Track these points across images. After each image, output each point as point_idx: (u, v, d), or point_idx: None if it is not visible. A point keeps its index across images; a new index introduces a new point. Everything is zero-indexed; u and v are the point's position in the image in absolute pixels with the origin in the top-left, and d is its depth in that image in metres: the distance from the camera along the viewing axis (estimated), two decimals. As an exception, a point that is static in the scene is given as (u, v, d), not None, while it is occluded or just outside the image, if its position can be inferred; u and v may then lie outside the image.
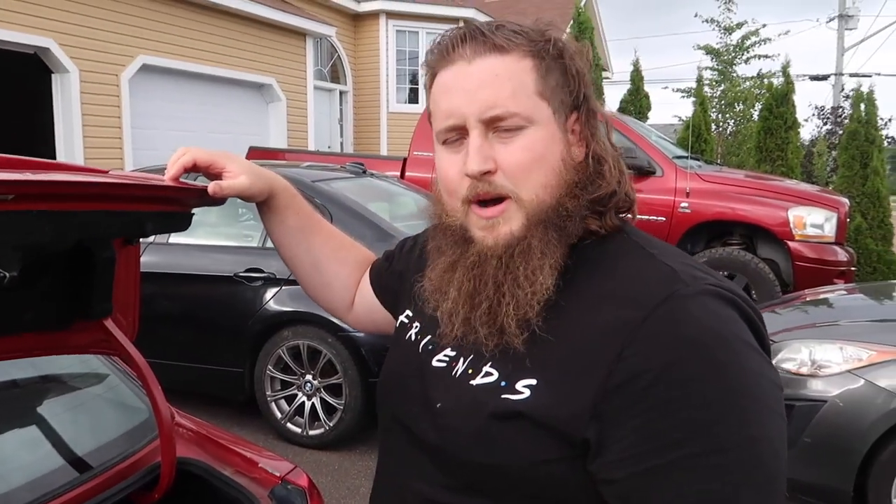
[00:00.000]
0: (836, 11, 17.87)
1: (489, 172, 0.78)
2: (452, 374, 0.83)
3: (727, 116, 14.77)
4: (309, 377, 3.90)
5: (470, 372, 0.81)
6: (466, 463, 0.77)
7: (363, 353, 3.71)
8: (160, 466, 1.47)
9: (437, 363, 0.86)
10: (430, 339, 0.89)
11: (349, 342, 3.72)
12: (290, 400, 3.98)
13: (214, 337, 4.13)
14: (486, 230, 0.81)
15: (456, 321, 0.82)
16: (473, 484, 0.78)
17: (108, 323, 1.32)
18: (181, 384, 3.96)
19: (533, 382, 0.74)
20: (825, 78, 17.75)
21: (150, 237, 1.26)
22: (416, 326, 0.94)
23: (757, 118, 10.94)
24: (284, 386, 3.99)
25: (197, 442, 1.72)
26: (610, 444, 0.69)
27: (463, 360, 0.83)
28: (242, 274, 3.98)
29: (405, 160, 6.99)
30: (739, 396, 0.67)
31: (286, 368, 3.97)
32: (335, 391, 3.85)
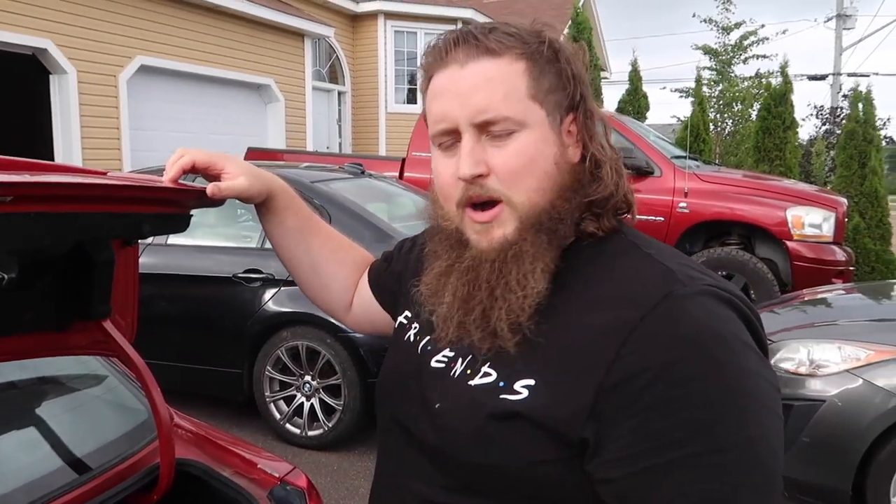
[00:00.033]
0: (833, 11, 17.92)
1: (481, 176, 0.79)
2: (451, 374, 0.83)
3: (725, 116, 14.78)
4: (308, 378, 3.90)
5: (468, 372, 0.81)
6: (465, 463, 0.77)
7: (362, 353, 3.71)
8: (159, 468, 1.47)
9: (435, 364, 0.87)
10: (428, 339, 0.89)
11: (348, 343, 3.72)
12: (288, 401, 3.98)
13: (213, 338, 4.13)
14: (480, 234, 0.81)
15: (451, 325, 0.83)
16: (472, 484, 0.78)
17: (106, 324, 1.32)
18: (180, 385, 3.97)
19: (531, 383, 0.74)
20: (823, 78, 17.79)
21: (148, 238, 1.26)
22: (414, 327, 0.94)
23: (755, 118, 10.95)
24: (283, 387, 3.99)
25: (196, 443, 1.72)
26: (608, 443, 0.69)
27: (461, 360, 0.83)
28: (241, 275, 3.98)
29: (404, 160, 6.99)
30: (738, 396, 0.67)
31: (285, 369, 3.96)
32: (334, 392, 3.84)
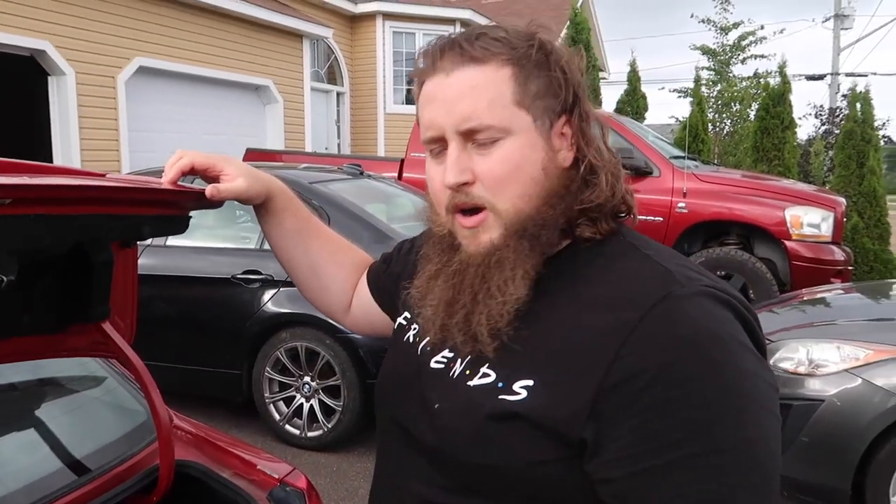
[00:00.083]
0: (831, 11, 17.93)
1: (467, 184, 0.80)
2: (450, 375, 0.83)
3: (724, 116, 14.78)
4: (307, 379, 3.90)
5: (467, 373, 0.81)
6: (464, 464, 0.78)
7: (361, 354, 3.71)
8: (158, 469, 1.47)
9: (435, 364, 0.87)
10: (428, 340, 0.89)
11: (347, 344, 3.72)
12: (288, 402, 3.98)
13: (212, 339, 4.12)
14: (468, 239, 0.82)
15: (434, 327, 0.85)
16: (471, 485, 0.78)
17: (105, 326, 1.32)
18: (179, 386, 3.96)
19: (530, 383, 0.74)
20: (821, 78, 17.80)
21: (147, 240, 1.26)
22: (414, 328, 0.94)
23: (754, 118, 10.96)
24: (283, 388, 3.99)
25: (195, 444, 1.72)
26: (607, 443, 0.69)
27: (461, 361, 0.83)
28: (240, 276, 3.98)
29: (402, 161, 6.99)
30: (736, 397, 0.67)
31: (284, 370, 3.96)
32: (333, 393, 3.84)
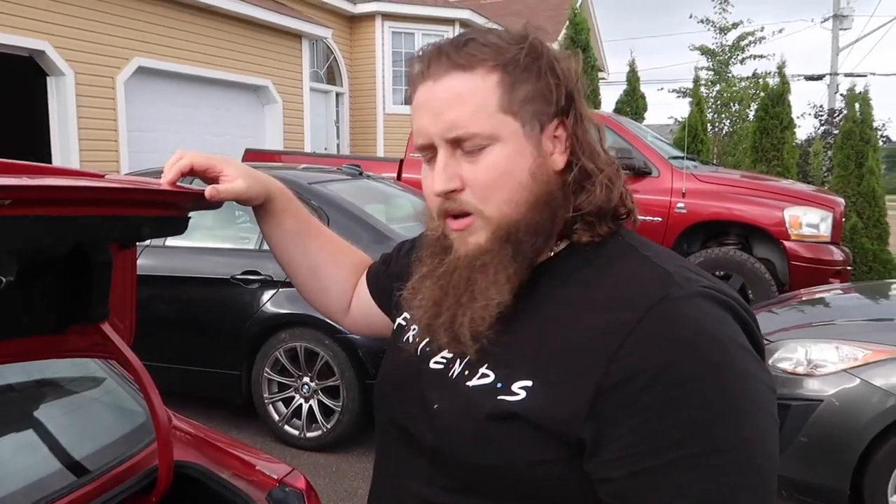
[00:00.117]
0: (830, 11, 17.93)
1: (456, 191, 0.81)
2: (449, 375, 0.84)
3: (723, 116, 14.79)
4: (306, 379, 3.90)
5: (466, 373, 0.81)
6: (464, 464, 0.78)
7: (360, 355, 3.71)
8: (157, 470, 1.47)
9: (434, 365, 0.87)
10: (427, 341, 0.90)
11: (346, 344, 3.72)
12: (287, 402, 3.98)
13: (211, 339, 4.12)
14: (458, 241, 0.84)
15: (420, 326, 0.87)
16: (471, 485, 0.78)
17: (104, 326, 1.32)
18: (178, 387, 3.96)
19: (529, 384, 0.74)
20: (820, 78, 17.80)
21: (146, 240, 1.27)
22: (413, 329, 0.94)
23: (753, 118, 10.97)
24: (282, 388, 3.99)
25: (194, 445, 1.72)
26: (607, 443, 0.69)
27: (460, 361, 0.83)
28: (239, 276, 3.98)
29: (401, 162, 6.99)
30: (735, 398, 0.68)
31: (283, 371, 3.96)
32: (332, 393, 3.84)
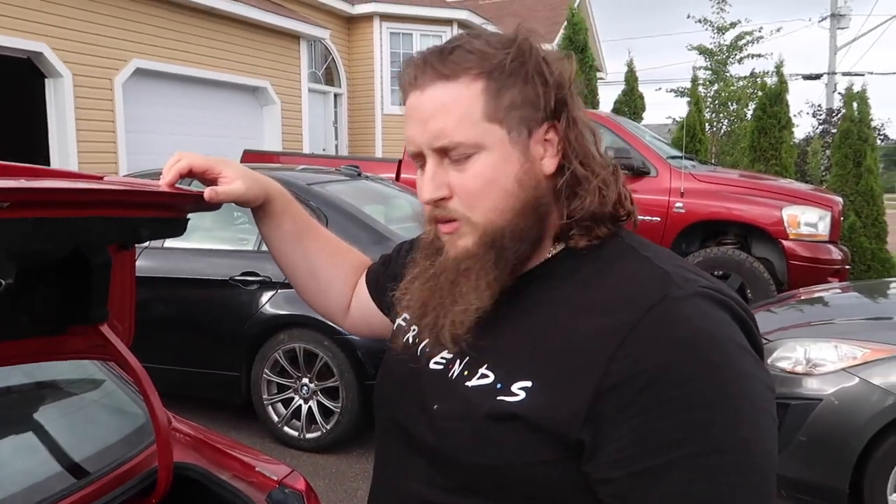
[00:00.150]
0: (827, 11, 17.94)
1: (444, 199, 0.82)
2: (449, 375, 0.84)
3: (721, 116, 14.81)
4: (305, 380, 3.90)
5: (466, 374, 0.81)
6: (463, 464, 0.78)
7: (359, 355, 3.70)
8: (157, 471, 1.47)
9: (434, 365, 0.87)
10: (427, 341, 0.90)
11: (345, 345, 3.72)
12: (286, 403, 3.98)
13: (210, 341, 4.12)
14: (448, 244, 0.84)
15: (408, 325, 0.89)
16: (471, 485, 0.78)
17: (104, 328, 1.32)
18: (178, 388, 3.96)
19: (528, 384, 0.74)
20: (818, 77, 17.82)
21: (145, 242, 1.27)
22: (413, 329, 0.95)
23: (751, 118, 10.98)
24: (281, 389, 3.98)
25: (194, 446, 1.72)
26: (606, 443, 0.69)
27: (459, 362, 0.83)
28: (238, 278, 3.98)
29: (400, 162, 6.99)
30: (734, 398, 0.68)
31: (283, 372, 3.96)
32: (332, 394, 3.84)
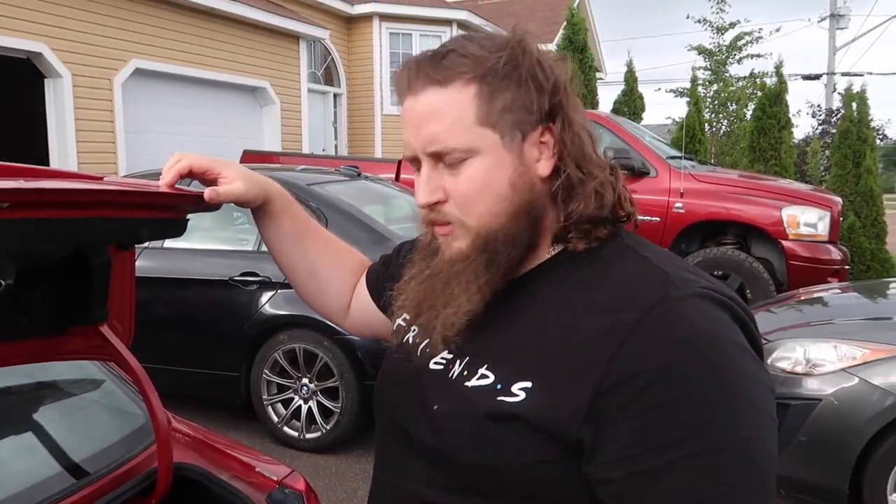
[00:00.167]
0: (827, 11, 17.95)
1: (439, 202, 0.82)
2: (449, 376, 0.84)
3: (720, 116, 14.82)
4: (305, 381, 3.90)
5: (465, 374, 0.82)
6: (463, 464, 0.78)
7: (359, 356, 3.70)
8: (157, 472, 1.47)
9: (434, 366, 0.87)
10: (427, 342, 0.90)
11: (345, 345, 3.72)
12: (286, 404, 3.98)
13: (210, 341, 4.12)
14: (444, 245, 0.85)
15: (408, 325, 0.90)
16: (471, 485, 0.78)
17: (104, 328, 1.32)
18: (177, 389, 3.96)
19: (528, 385, 0.74)
20: (817, 77, 17.82)
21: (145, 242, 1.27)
22: (413, 330, 0.95)
23: (750, 118, 10.98)
24: (281, 390, 3.98)
25: (194, 447, 1.72)
26: (606, 443, 0.69)
27: (460, 362, 0.84)
28: (238, 278, 3.98)
29: (399, 162, 6.98)
30: (734, 398, 0.68)
31: (282, 372, 3.96)
32: (332, 394, 3.84)
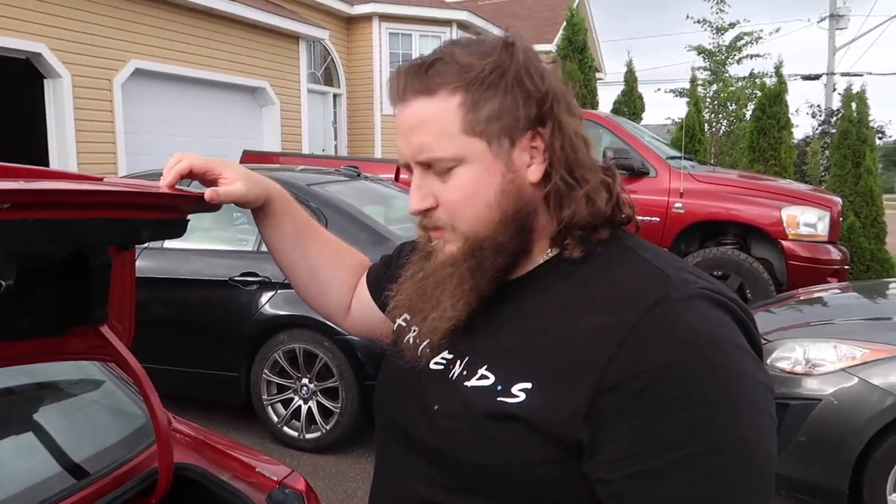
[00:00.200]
0: (826, 11, 17.94)
1: (430, 209, 0.84)
2: (449, 376, 0.84)
3: (720, 116, 14.82)
4: (305, 381, 3.90)
5: (465, 373, 0.82)
6: (463, 464, 0.78)
7: (359, 356, 3.70)
8: (157, 472, 1.47)
9: (434, 366, 0.87)
10: (428, 342, 0.90)
11: (345, 345, 3.72)
12: (286, 404, 3.98)
13: (210, 341, 4.12)
14: (438, 248, 0.86)
15: (409, 326, 0.92)
16: (471, 485, 0.78)
17: (104, 329, 1.32)
18: (177, 389, 3.96)
19: (528, 386, 0.75)
20: (817, 77, 17.82)
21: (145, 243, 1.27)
22: (413, 330, 0.95)
23: (750, 118, 10.98)
24: (281, 390, 3.99)
25: (194, 447, 1.72)
26: (606, 443, 0.69)
27: (459, 362, 0.84)
28: (238, 278, 3.98)
29: (399, 163, 6.99)
30: (734, 398, 0.68)
31: (282, 372, 3.96)
32: (331, 395, 3.84)
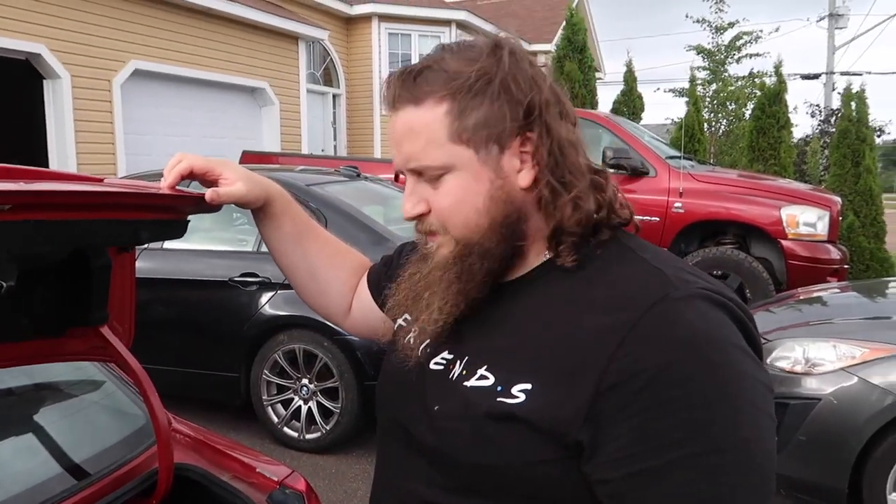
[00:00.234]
0: (826, 10, 17.94)
1: (423, 214, 0.85)
2: (449, 376, 0.84)
3: (720, 116, 14.82)
4: (305, 381, 3.90)
5: (464, 374, 0.82)
6: (463, 464, 0.78)
7: (359, 356, 3.70)
8: (157, 472, 1.47)
9: (434, 366, 0.88)
10: (428, 342, 0.90)
11: (345, 346, 3.72)
12: (286, 404, 3.98)
13: (210, 342, 4.12)
14: (433, 251, 0.87)
15: (409, 326, 0.92)
16: (471, 485, 0.78)
17: (104, 330, 1.32)
18: (178, 389, 3.96)
19: (528, 387, 0.75)
20: (816, 77, 17.82)
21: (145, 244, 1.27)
22: (414, 330, 0.95)
23: (749, 118, 10.98)
24: (281, 390, 3.99)
25: (194, 447, 1.72)
26: (606, 443, 0.69)
27: (460, 362, 0.84)
28: (237, 279, 3.98)
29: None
30: (733, 398, 0.68)
31: (282, 373, 3.96)
32: (331, 395, 3.84)
